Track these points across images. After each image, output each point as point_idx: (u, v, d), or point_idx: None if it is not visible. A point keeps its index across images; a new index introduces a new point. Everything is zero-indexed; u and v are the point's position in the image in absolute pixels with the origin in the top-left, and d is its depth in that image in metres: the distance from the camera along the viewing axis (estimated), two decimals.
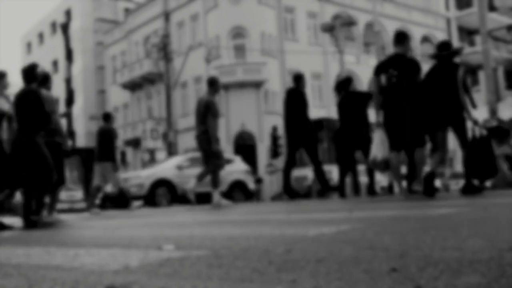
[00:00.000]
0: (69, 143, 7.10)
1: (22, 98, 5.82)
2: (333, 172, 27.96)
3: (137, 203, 10.65)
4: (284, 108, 8.79)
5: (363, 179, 10.98)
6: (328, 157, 28.51)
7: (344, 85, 8.72)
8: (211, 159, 8.13)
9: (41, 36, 47.40)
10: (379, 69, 6.40)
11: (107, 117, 10.41)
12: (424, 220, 2.97)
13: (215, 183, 8.27)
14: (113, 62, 39.08)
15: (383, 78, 6.29)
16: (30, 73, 5.95)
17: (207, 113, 8.05)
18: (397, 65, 6.26)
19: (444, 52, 6.33)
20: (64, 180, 6.85)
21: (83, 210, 21.46)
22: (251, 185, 16.04)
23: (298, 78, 8.80)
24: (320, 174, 8.73)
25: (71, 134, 38.75)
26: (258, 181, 26.65)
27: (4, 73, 6.36)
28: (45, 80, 6.76)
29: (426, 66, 6.80)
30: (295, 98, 8.60)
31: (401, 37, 6.47)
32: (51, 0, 65.76)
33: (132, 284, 1.42)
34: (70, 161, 27.54)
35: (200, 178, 8.39)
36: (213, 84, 8.49)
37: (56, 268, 1.86)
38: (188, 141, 31.20)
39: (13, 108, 5.89)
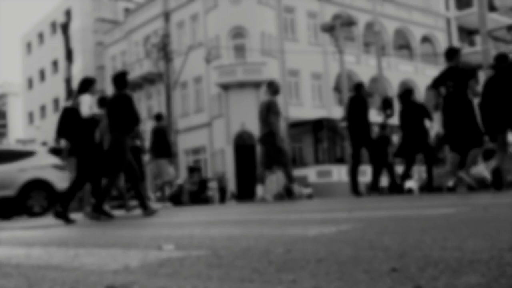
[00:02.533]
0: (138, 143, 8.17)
1: (115, 102, 6.43)
2: (333, 171, 27.96)
3: (164, 204, 10.93)
4: (347, 113, 9.62)
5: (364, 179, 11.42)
6: (328, 157, 28.56)
7: (406, 96, 9.29)
8: (278, 157, 8.68)
9: (41, 36, 47.39)
10: (437, 83, 7.42)
11: (159, 117, 11.36)
12: (424, 220, 2.97)
13: (291, 178, 8.86)
14: (113, 62, 39.08)
15: (443, 90, 7.30)
16: (121, 79, 6.56)
17: (269, 113, 8.65)
18: (452, 77, 7.24)
19: (503, 64, 7.03)
20: (144, 177, 7.81)
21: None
22: (61, 184, 10.66)
23: (359, 87, 9.66)
24: (375, 174, 9.72)
25: None
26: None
27: (94, 80, 6.90)
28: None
29: (426, 66, 7.30)
30: (359, 104, 9.43)
31: (452, 54, 7.43)
32: (51, 0, 65.82)
33: (132, 284, 1.42)
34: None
35: (288, 175, 8.95)
36: (271, 86, 9.04)
37: (56, 268, 1.86)
38: (188, 141, 31.24)
39: (105, 111, 6.53)
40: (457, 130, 7.18)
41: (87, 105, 6.43)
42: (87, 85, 6.69)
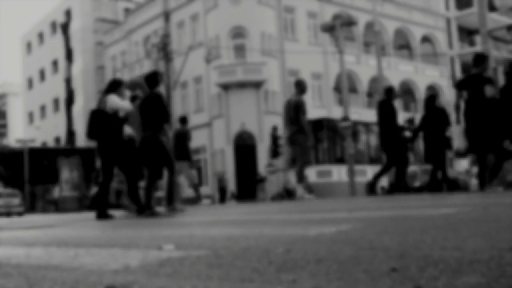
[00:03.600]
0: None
1: (147, 101, 6.69)
2: (333, 171, 27.95)
3: (206, 200, 11.22)
4: (377, 117, 9.83)
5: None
6: (328, 157, 28.55)
7: (430, 102, 9.64)
8: (301, 154, 8.93)
9: (41, 36, 47.39)
10: (461, 86, 7.81)
11: (184, 120, 11.53)
12: (424, 220, 2.97)
13: (301, 178, 9.03)
14: (113, 62, 39.08)
15: (465, 94, 7.69)
16: (153, 79, 6.79)
17: (298, 113, 8.86)
18: (474, 84, 7.61)
19: None
20: (162, 176, 8.07)
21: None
22: None
23: (389, 91, 9.88)
24: (399, 175, 9.84)
25: (71, 134, 38.78)
26: (261, 180, 26.62)
27: (122, 81, 7.20)
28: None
29: (426, 66, 7.46)
30: (388, 108, 9.64)
31: (479, 60, 7.74)
32: (51, 0, 65.79)
33: (132, 284, 1.42)
34: (70, 161, 27.65)
35: (299, 174, 9.20)
36: (299, 85, 9.33)
37: (56, 268, 1.86)
38: None
39: (137, 110, 6.78)
40: (475, 134, 7.57)
41: (119, 101, 6.71)
42: (115, 86, 6.94)
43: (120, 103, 6.71)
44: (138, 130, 7.15)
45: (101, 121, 6.70)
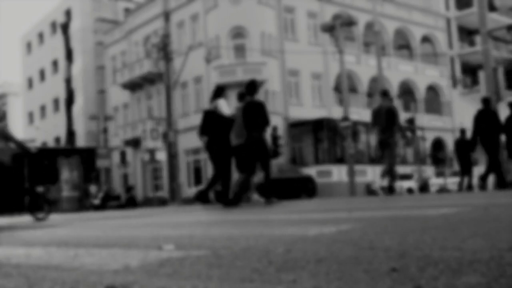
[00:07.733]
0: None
1: (250, 107, 7.67)
2: (333, 171, 27.96)
3: (256, 197, 11.02)
4: (475, 124, 10.63)
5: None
6: (328, 157, 28.56)
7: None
8: (391, 157, 9.82)
9: (41, 36, 47.38)
10: None
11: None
12: (424, 220, 2.97)
13: (393, 175, 9.95)
14: (113, 62, 39.07)
15: None
16: (253, 87, 7.79)
17: (394, 119, 9.77)
18: None
19: None
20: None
21: None
22: None
23: (487, 101, 10.80)
24: (497, 172, 10.77)
25: (71, 134, 38.78)
26: None
27: (225, 87, 8.55)
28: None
29: (426, 66, 7.46)
30: (488, 117, 10.44)
31: None
32: (51, 0, 65.77)
33: (132, 284, 1.42)
34: (69, 161, 27.64)
35: (384, 174, 10.12)
36: (387, 95, 10.35)
37: (56, 268, 1.86)
38: (188, 141, 31.23)
39: (241, 114, 7.74)
40: None
41: (226, 107, 8.18)
42: (221, 91, 8.53)
43: (225, 109, 8.13)
44: (235, 133, 8.15)
45: (212, 121, 8.10)
